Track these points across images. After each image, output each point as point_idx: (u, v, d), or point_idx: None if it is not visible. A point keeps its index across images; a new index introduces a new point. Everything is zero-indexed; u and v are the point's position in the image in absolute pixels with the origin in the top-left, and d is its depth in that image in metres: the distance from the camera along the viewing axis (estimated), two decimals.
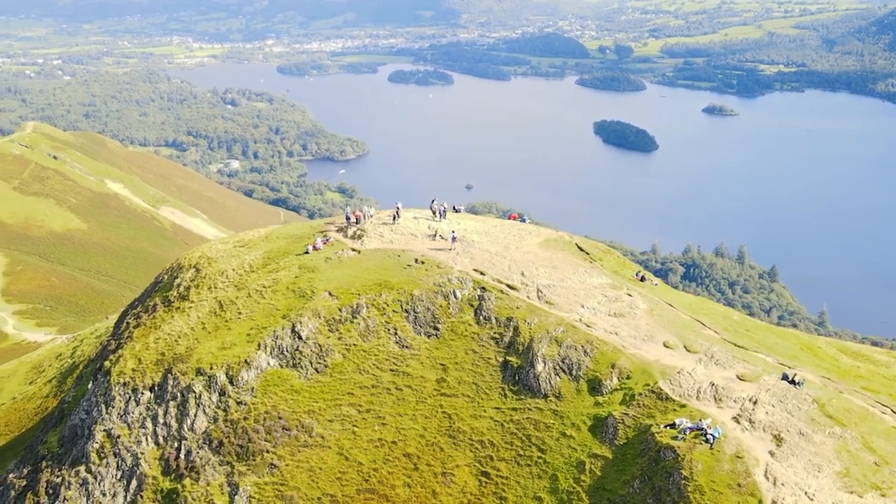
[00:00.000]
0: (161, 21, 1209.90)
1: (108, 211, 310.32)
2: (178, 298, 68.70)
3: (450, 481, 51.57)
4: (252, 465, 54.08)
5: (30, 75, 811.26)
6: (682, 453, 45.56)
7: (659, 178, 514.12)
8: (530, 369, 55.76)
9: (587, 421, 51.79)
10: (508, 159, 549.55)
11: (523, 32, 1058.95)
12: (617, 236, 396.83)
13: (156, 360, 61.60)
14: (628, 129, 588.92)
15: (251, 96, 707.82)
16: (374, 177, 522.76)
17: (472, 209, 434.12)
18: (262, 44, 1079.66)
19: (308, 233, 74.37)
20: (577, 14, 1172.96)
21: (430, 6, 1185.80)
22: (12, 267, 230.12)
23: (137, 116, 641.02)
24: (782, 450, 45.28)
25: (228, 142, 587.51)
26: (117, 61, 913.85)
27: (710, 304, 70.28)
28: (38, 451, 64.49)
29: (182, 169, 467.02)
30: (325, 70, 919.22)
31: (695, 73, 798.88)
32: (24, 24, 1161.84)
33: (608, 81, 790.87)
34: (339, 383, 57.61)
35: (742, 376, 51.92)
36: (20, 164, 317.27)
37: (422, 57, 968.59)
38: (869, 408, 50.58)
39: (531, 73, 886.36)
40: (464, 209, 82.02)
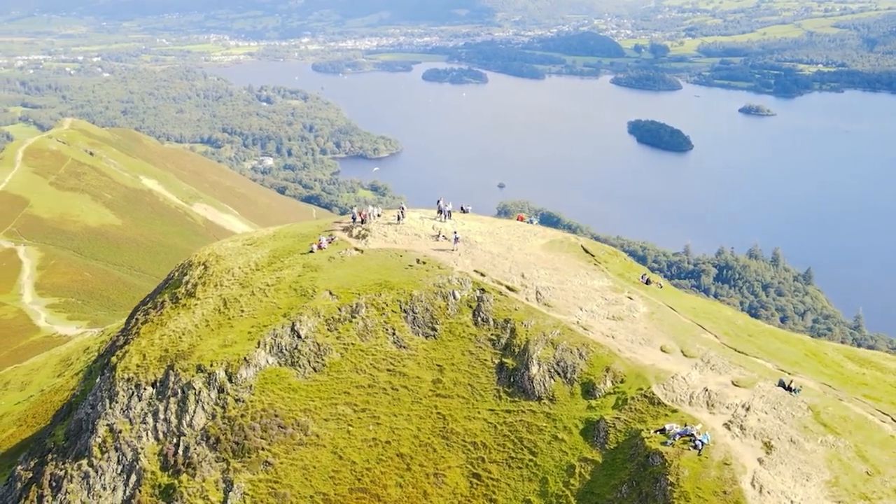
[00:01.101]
0: (199, 19, 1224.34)
1: (142, 207, 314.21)
2: (186, 295, 69.67)
3: (441, 482, 51.75)
4: (247, 463, 54.71)
5: (70, 72, 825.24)
6: (669, 459, 45.28)
7: (693, 179, 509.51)
8: (525, 371, 55.73)
9: (579, 424, 51.66)
10: (541, 158, 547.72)
11: (558, 31, 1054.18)
12: (649, 237, 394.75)
13: (159, 356, 62.54)
14: (663, 129, 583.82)
15: (286, 94, 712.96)
16: (407, 175, 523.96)
17: (503, 208, 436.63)
18: (297, 42, 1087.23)
19: (315, 232, 74.91)
20: (613, 13, 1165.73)
21: (466, 4, 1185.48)
22: (46, 261, 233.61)
23: (174, 113, 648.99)
24: (771, 457, 44.76)
25: (263, 139, 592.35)
26: (155, 59, 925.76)
27: (716, 308, 69.52)
28: (45, 444, 65.86)
29: (216, 166, 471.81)
30: (359, 68, 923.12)
31: (732, 72, 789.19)
32: (65, 21, 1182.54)
33: (643, 81, 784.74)
34: (336, 382, 58.05)
35: (737, 382, 51.40)
36: (57, 160, 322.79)
37: (456, 55, 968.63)
38: (868, 416, 49.77)
39: (566, 72, 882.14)
40: (471, 209, 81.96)
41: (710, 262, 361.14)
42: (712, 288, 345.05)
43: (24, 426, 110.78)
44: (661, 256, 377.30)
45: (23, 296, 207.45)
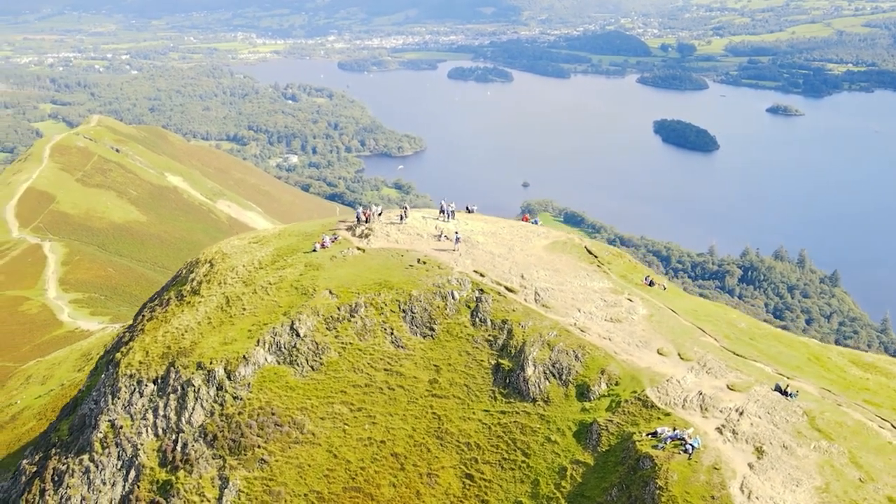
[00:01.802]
0: (226, 17, 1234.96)
1: (166, 203, 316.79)
2: (191, 293, 70.31)
3: (434, 482, 51.83)
4: (243, 460, 55.12)
5: (99, 70, 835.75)
6: (659, 463, 45.01)
7: (719, 179, 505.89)
8: (521, 373, 55.67)
9: (572, 426, 51.51)
10: (566, 158, 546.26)
11: (584, 30, 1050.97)
12: (673, 237, 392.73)
13: (162, 353, 63.16)
14: (689, 129, 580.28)
15: (311, 92, 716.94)
16: (431, 173, 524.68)
17: (527, 207, 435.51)
18: (323, 40, 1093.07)
19: (320, 231, 75.25)
20: (640, 11, 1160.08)
21: (492, 3, 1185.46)
22: (71, 256, 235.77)
23: (200, 111, 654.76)
24: (762, 462, 44.35)
25: (288, 136, 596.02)
26: (183, 57, 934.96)
27: (721, 310, 68.80)
28: (50, 438, 66.75)
29: (241, 163, 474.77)
30: (384, 66, 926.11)
31: (759, 72, 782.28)
32: (95, 19, 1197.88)
33: (669, 80, 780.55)
34: (334, 381, 58.32)
35: (732, 386, 50.98)
36: (84, 157, 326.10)
37: (482, 54, 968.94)
38: (867, 422, 49.15)
39: (591, 71, 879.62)
40: (476, 209, 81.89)
41: (735, 263, 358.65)
42: (737, 289, 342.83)
43: (44, 420, 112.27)
44: (685, 257, 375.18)
45: (47, 291, 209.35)
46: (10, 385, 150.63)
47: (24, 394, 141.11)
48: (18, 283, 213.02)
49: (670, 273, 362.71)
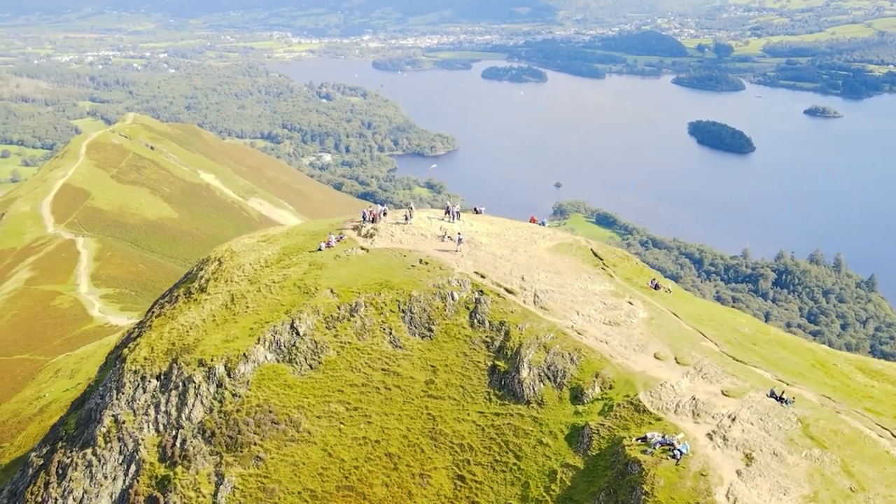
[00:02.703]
0: (263, 16, 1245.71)
1: (198, 200, 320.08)
2: (198, 290, 71.07)
3: (426, 483, 51.93)
4: (239, 457, 55.61)
5: (137, 68, 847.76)
6: (646, 468, 44.70)
7: (754, 181, 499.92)
8: (516, 374, 55.57)
9: (564, 430, 51.32)
10: (599, 158, 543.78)
11: (620, 30, 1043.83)
12: (707, 239, 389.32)
13: (166, 349, 63.92)
14: (724, 130, 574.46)
15: (345, 91, 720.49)
16: (463, 173, 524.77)
17: (559, 207, 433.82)
18: (358, 39, 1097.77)
19: (327, 230, 75.66)
20: (677, 11, 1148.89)
21: (527, 3, 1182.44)
22: (103, 252, 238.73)
23: (235, 109, 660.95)
24: (750, 470, 43.82)
25: (321, 135, 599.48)
26: (219, 55, 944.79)
27: (730, 315, 68.13)
28: (58, 431, 67.92)
29: (274, 161, 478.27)
30: (419, 66, 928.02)
31: (798, 73, 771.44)
32: (134, 18, 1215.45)
33: (705, 81, 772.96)
34: (331, 380, 58.64)
35: (727, 392, 50.43)
36: (119, 154, 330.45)
37: (516, 54, 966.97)
38: (865, 430, 48.34)
39: (626, 72, 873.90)
40: (484, 210, 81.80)
41: (769, 267, 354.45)
42: (770, 293, 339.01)
43: None
44: (718, 260, 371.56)
45: (79, 286, 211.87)
46: (40, 378, 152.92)
47: (52, 387, 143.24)
48: (52, 278, 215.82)
49: (703, 276, 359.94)
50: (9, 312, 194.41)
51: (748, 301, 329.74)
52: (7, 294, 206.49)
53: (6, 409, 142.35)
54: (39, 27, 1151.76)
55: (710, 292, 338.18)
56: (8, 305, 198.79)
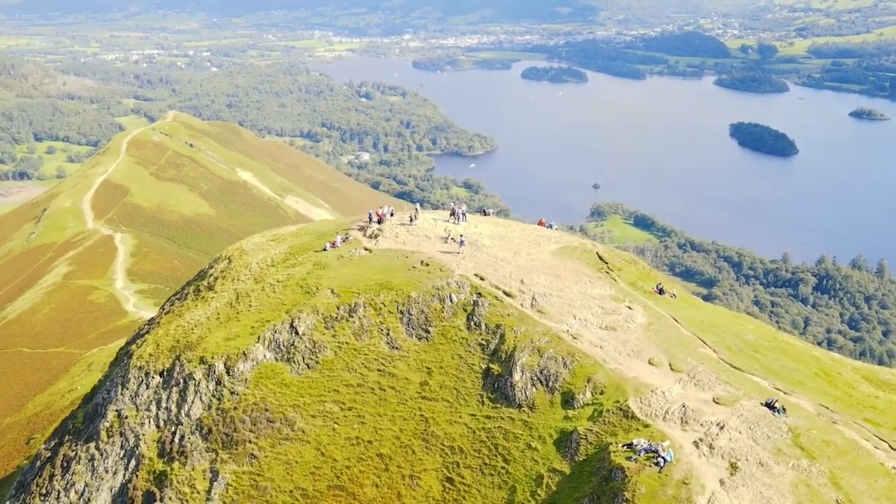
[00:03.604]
0: (304, 15, 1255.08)
1: (236, 198, 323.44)
2: (206, 288, 72.01)
3: (416, 484, 52.09)
4: (234, 454, 56.25)
5: (181, 66, 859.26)
6: (629, 475, 44.34)
7: (796, 185, 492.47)
8: (508, 378, 55.46)
9: (554, 434, 51.14)
10: (638, 160, 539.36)
11: (662, 30, 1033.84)
12: (746, 243, 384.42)
13: (171, 346, 64.84)
14: (766, 133, 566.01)
15: (385, 90, 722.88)
16: (501, 173, 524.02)
17: (596, 209, 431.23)
18: (399, 38, 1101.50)
19: (334, 230, 76.20)
20: (721, 12, 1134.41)
21: (568, 3, 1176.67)
22: (139, 248, 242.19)
23: (276, 107, 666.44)
24: (734, 479, 43.23)
25: (360, 134, 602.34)
26: (261, 54, 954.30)
27: (736, 321, 67.04)
28: (66, 425, 69.26)
29: (312, 159, 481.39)
30: (458, 65, 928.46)
31: (844, 74, 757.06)
32: (179, 17, 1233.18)
33: (748, 82, 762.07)
34: (327, 380, 59.02)
35: (718, 399, 49.81)
36: (159, 151, 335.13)
37: (556, 54, 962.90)
38: (861, 441, 47.40)
39: (668, 73, 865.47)
40: (492, 213, 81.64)
41: (810, 271, 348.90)
42: (810, 298, 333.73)
43: None
44: (757, 263, 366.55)
45: (115, 281, 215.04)
46: (73, 371, 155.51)
47: (84, 380, 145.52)
48: (89, 273, 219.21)
49: (741, 280, 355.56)
50: (47, 306, 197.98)
51: (787, 306, 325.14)
52: (46, 288, 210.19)
53: (39, 401, 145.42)
54: (87, 26, 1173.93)
55: (748, 296, 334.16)
56: (46, 299, 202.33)
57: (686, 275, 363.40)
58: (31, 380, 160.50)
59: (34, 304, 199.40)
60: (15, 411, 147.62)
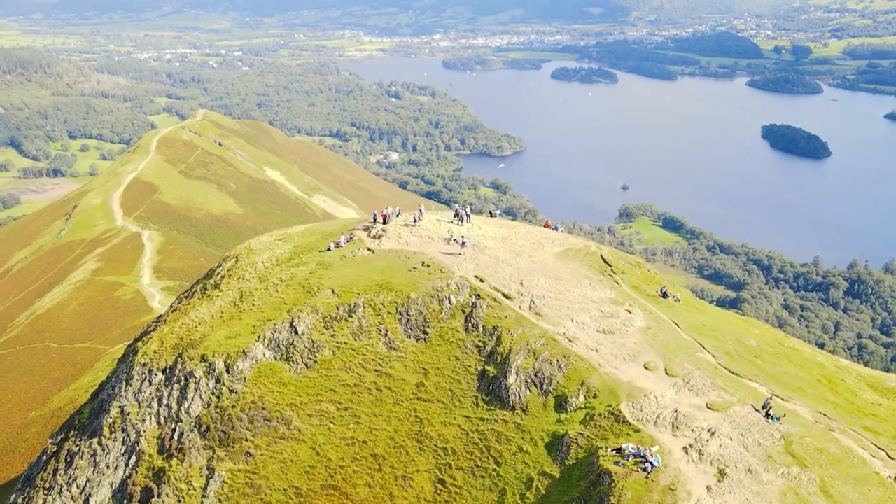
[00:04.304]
0: (335, 15, 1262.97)
1: (263, 197, 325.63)
2: (212, 287, 72.59)
3: (408, 485, 52.14)
4: (230, 452, 56.65)
5: (213, 65, 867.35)
6: (617, 480, 44.01)
7: (829, 187, 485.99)
8: (503, 380, 55.29)
9: (545, 437, 50.91)
10: (668, 161, 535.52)
11: (694, 31, 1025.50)
12: (776, 246, 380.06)
13: (174, 344, 65.47)
14: (799, 134, 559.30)
15: (414, 90, 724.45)
16: (529, 173, 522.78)
17: (625, 210, 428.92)
18: (429, 38, 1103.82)
19: (340, 230, 76.48)
20: (754, 12, 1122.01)
21: (599, 3, 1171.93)
22: (166, 245, 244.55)
23: (306, 107, 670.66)
24: (721, 486, 42.74)
25: (389, 133, 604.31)
26: (292, 53, 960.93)
27: (742, 325, 66.32)
28: (73, 420, 70.19)
29: (340, 159, 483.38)
30: (488, 65, 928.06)
31: (879, 76, 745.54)
32: (211, 17, 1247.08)
33: (781, 83, 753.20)
34: (325, 379, 59.23)
35: (711, 405, 49.24)
36: (188, 150, 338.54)
37: (587, 54, 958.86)
38: (857, 450, 46.64)
39: (699, 74, 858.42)
40: (499, 214, 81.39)
41: (841, 276, 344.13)
42: (841, 302, 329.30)
43: None
44: (787, 267, 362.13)
45: (142, 278, 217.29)
46: (98, 367, 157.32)
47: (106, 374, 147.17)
48: (116, 270, 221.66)
49: (770, 283, 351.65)
50: (74, 302, 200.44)
51: (817, 310, 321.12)
52: (74, 284, 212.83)
53: (64, 396, 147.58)
54: (122, 25, 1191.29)
55: (777, 300, 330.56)
56: (74, 295, 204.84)
57: (715, 278, 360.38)
58: (56, 374, 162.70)
59: (62, 300, 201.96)
60: (40, 405, 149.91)
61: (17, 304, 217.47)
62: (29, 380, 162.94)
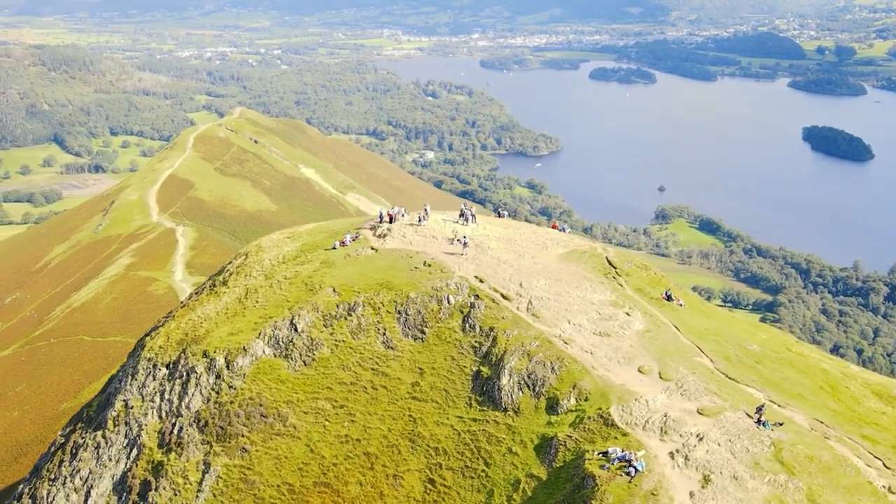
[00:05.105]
0: (374, 14, 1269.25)
1: (297, 194, 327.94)
2: (221, 283, 73.46)
3: (398, 484, 52.26)
4: (227, 447, 57.22)
5: (252, 64, 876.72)
6: (600, 483, 43.68)
7: (871, 191, 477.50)
8: (496, 381, 55.13)
9: (535, 439, 50.66)
10: (705, 162, 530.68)
11: (735, 31, 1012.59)
12: (816, 250, 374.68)
13: (180, 339, 66.37)
14: (840, 137, 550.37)
15: (451, 89, 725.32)
16: (566, 174, 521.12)
17: (661, 211, 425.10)
18: (467, 38, 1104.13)
19: (347, 228, 76.93)
20: (797, 12, 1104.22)
21: (639, 3, 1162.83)
22: (199, 241, 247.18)
23: (343, 105, 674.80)
24: (704, 492, 42.14)
25: (425, 132, 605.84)
26: (330, 52, 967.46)
27: (748, 330, 65.38)
28: (82, 413, 71.46)
29: (375, 157, 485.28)
30: (526, 65, 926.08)
31: None
32: (252, 15, 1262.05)
33: (823, 84, 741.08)
34: (322, 377, 59.57)
35: (702, 410, 48.59)
36: (224, 147, 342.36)
37: (625, 54, 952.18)
38: (851, 458, 45.71)
39: (739, 74, 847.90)
40: (507, 215, 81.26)
41: (882, 280, 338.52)
42: (881, 308, 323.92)
43: None
44: (826, 271, 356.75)
45: (174, 273, 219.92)
46: None
47: None
48: (150, 265, 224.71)
49: (809, 287, 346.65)
50: (108, 296, 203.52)
51: (856, 315, 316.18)
52: (109, 278, 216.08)
53: (94, 388, 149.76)
54: (164, 24, 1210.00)
55: (815, 305, 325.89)
56: (108, 289, 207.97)
57: (751, 281, 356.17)
58: (88, 367, 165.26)
59: (97, 294, 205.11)
60: (72, 397, 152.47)
61: (54, 298, 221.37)
62: (62, 372, 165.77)
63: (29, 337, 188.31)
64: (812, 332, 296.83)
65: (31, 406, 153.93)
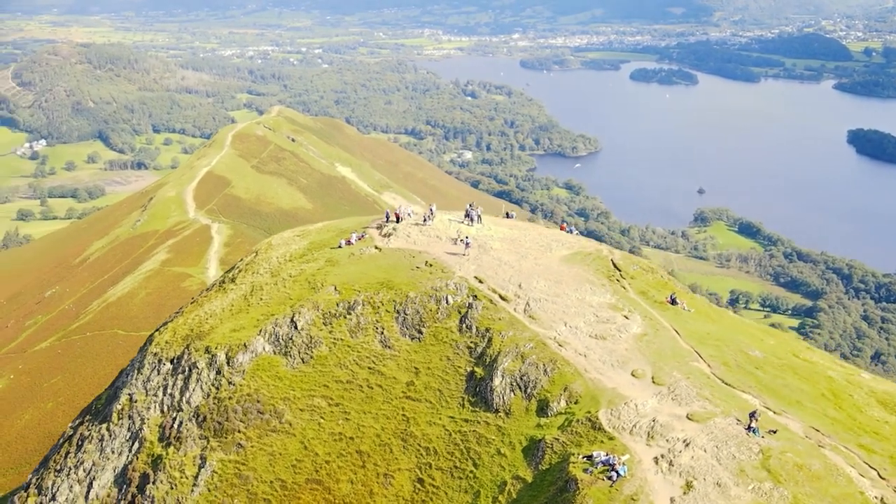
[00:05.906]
0: (415, 14, 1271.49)
1: (333, 193, 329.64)
2: (229, 280, 74.31)
3: (388, 483, 52.41)
4: (223, 443, 57.87)
5: (293, 63, 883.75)
6: (581, 487, 43.34)
7: None
8: (489, 382, 55.02)
9: (524, 441, 50.45)
10: (746, 165, 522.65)
11: (780, 32, 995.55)
12: (858, 255, 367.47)
13: (185, 335, 67.28)
14: (887, 140, 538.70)
15: (491, 89, 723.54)
16: (604, 175, 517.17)
17: (700, 214, 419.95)
18: (507, 37, 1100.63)
19: (354, 227, 77.29)
20: (844, 13, 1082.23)
21: (682, 3, 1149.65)
22: (234, 238, 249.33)
23: (382, 104, 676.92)
24: (685, 498, 41.53)
25: (464, 132, 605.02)
26: (371, 52, 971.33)
27: (756, 335, 64.31)
28: (92, 406, 72.75)
29: (412, 157, 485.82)
30: (566, 65, 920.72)
31: None
32: (294, 15, 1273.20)
33: (870, 86, 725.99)
34: (319, 375, 59.94)
35: (692, 415, 47.92)
36: (261, 145, 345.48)
37: (667, 55, 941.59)
38: (844, 468, 44.77)
39: (783, 76, 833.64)
40: (515, 215, 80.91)
41: None
42: None
43: None
44: (868, 277, 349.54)
45: (208, 269, 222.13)
46: None
47: None
48: (184, 261, 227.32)
49: (850, 293, 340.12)
50: (143, 291, 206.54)
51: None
52: (144, 273, 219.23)
53: None
54: (207, 22, 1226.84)
55: (856, 311, 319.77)
56: (144, 284, 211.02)
57: (791, 286, 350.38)
58: (121, 361, 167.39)
59: (132, 289, 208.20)
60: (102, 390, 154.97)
61: (91, 292, 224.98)
62: (95, 365, 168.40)
63: (66, 330, 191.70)
64: (853, 339, 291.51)
65: (64, 398, 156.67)
